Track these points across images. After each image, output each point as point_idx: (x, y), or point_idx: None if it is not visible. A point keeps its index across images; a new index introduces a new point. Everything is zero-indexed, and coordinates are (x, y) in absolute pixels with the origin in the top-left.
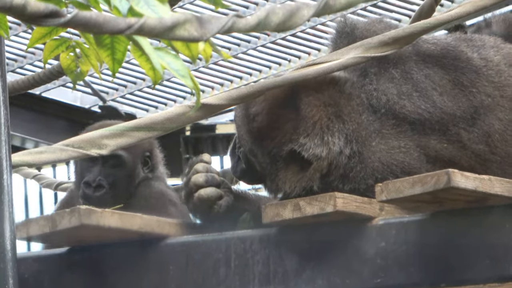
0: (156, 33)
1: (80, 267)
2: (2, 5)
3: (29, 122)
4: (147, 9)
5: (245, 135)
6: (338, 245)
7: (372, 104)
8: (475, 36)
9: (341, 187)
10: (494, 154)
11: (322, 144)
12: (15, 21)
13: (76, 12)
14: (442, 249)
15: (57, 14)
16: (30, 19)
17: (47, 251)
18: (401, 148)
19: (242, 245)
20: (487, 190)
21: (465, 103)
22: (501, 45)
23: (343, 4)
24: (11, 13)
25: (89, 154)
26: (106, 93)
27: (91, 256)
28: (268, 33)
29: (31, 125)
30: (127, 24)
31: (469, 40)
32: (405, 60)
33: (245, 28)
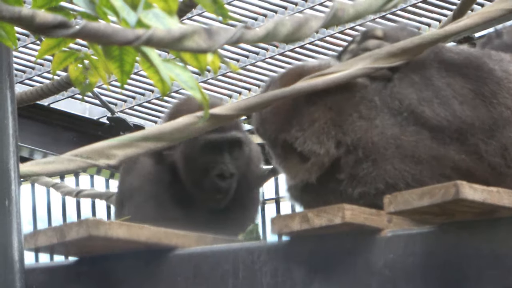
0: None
1: (88, 278)
2: (10, 15)
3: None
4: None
5: (256, 115)
6: (346, 256)
7: (392, 107)
8: (492, 51)
9: (350, 192)
10: (510, 167)
11: (318, 142)
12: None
13: (85, 23)
14: (450, 261)
15: (66, 25)
16: (39, 30)
17: (55, 262)
18: (414, 157)
19: (250, 256)
20: (496, 202)
21: (485, 114)
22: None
23: (351, 15)
24: (20, 23)
25: (97, 165)
26: (115, 105)
27: (99, 267)
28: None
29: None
30: (136, 35)
31: (489, 54)
32: (426, 67)
33: (253, 39)
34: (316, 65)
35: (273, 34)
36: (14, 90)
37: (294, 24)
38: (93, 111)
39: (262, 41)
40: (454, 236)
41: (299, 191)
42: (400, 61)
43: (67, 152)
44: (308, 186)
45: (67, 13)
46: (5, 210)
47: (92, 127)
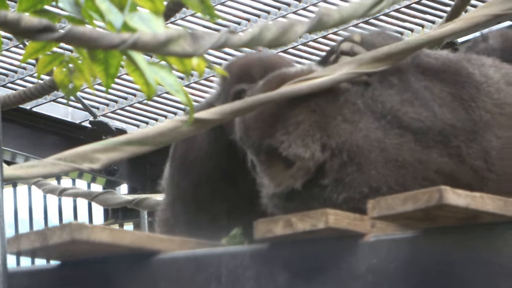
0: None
1: (71, 282)
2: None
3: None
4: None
5: (239, 123)
6: (329, 261)
7: (375, 110)
8: (473, 56)
9: (335, 198)
10: (491, 171)
11: (303, 146)
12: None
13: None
14: (434, 266)
15: (51, 29)
16: (24, 34)
17: (38, 266)
18: (398, 161)
19: (233, 261)
20: (479, 208)
21: (464, 116)
22: (499, 64)
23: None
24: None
25: (80, 168)
26: (97, 109)
27: (82, 272)
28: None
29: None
30: (121, 40)
31: (469, 59)
32: (403, 71)
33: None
34: (298, 71)
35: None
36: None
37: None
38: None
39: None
40: (438, 241)
41: (283, 199)
42: (384, 66)
43: (51, 156)
44: (292, 193)
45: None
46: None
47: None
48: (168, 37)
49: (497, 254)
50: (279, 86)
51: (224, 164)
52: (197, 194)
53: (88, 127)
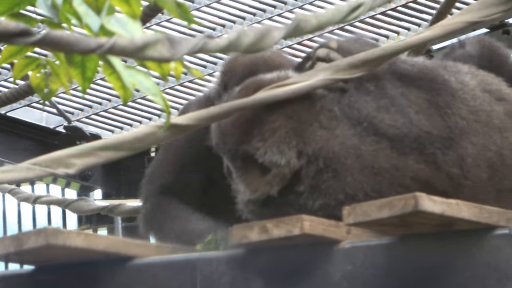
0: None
1: (45, 287)
2: None
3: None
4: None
5: (215, 130)
6: (305, 268)
7: (351, 117)
8: (450, 63)
9: (310, 204)
10: (467, 178)
11: (279, 152)
12: None
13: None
14: (409, 273)
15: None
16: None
17: (12, 271)
18: (374, 168)
19: (208, 266)
20: (455, 215)
21: (441, 123)
22: (475, 71)
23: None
24: None
25: (56, 173)
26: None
27: (57, 276)
28: None
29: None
30: (98, 44)
31: (445, 65)
32: (379, 77)
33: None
34: (275, 77)
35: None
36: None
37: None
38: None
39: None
40: (413, 248)
41: (258, 206)
42: (360, 73)
43: (26, 161)
44: (268, 200)
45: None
46: None
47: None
48: (146, 42)
49: (472, 261)
50: (255, 92)
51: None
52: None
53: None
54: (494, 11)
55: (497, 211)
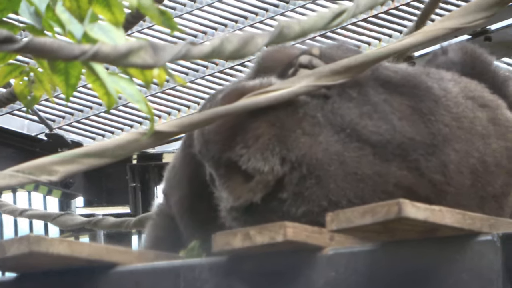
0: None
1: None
2: None
3: None
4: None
5: (198, 137)
6: (288, 274)
7: (334, 124)
8: (432, 69)
9: (294, 211)
10: (450, 185)
11: (262, 159)
12: None
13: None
14: (392, 279)
15: (11, 40)
16: None
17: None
18: (357, 174)
19: (191, 273)
20: (438, 221)
21: (424, 130)
22: (458, 78)
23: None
24: None
25: (39, 180)
26: (53, 121)
27: (40, 283)
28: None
29: None
30: (82, 51)
31: (428, 72)
32: (362, 84)
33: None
34: (257, 84)
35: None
36: None
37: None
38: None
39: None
40: (397, 255)
41: (242, 213)
42: (343, 79)
43: (8, 168)
44: (251, 207)
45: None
46: None
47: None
48: (129, 49)
49: (456, 268)
50: (238, 98)
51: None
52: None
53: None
54: (475, 18)
55: (480, 217)
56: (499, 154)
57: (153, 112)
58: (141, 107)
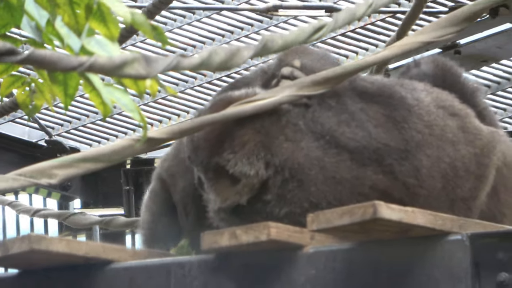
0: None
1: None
2: None
3: None
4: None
5: (188, 144)
6: (271, 272)
7: (315, 131)
8: (406, 80)
9: (277, 212)
10: (422, 188)
11: (248, 164)
12: None
13: (32, 50)
14: (368, 276)
15: (14, 52)
16: None
17: None
18: (336, 178)
19: (181, 270)
20: (411, 222)
21: (398, 136)
22: (430, 89)
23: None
24: None
25: (39, 183)
26: (52, 128)
27: (40, 280)
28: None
29: None
30: (79, 62)
31: (402, 83)
32: (341, 94)
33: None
34: (243, 93)
35: (207, 63)
36: None
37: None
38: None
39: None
40: (372, 253)
41: (229, 214)
42: (323, 89)
43: (11, 172)
44: (237, 208)
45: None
46: None
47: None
48: (123, 60)
49: (428, 266)
50: (225, 107)
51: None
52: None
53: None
54: (446, 32)
55: (451, 218)
56: (468, 160)
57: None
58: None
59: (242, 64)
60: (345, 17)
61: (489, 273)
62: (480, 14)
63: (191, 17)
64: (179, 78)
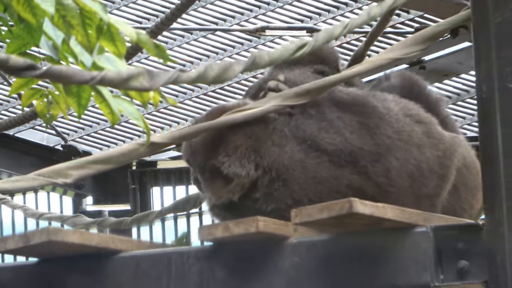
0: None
1: (48, 276)
2: None
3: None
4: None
5: (186, 148)
6: (259, 259)
7: (298, 136)
8: (377, 92)
9: (264, 208)
10: (392, 186)
11: (240, 166)
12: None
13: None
14: (344, 263)
15: (34, 68)
16: (11, 71)
17: (19, 263)
18: (316, 178)
19: (180, 258)
20: (382, 216)
21: (370, 141)
22: (398, 99)
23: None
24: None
25: (56, 182)
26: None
27: (57, 268)
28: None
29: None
30: (91, 76)
31: (374, 94)
32: (320, 104)
33: (187, 80)
34: (235, 104)
35: (204, 76)
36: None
37: (221, 68)
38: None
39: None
40: (348, 243)
41: (222, 209)
42: (305, 100)
43: (32, 172)
44: (230, 205)
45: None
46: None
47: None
48: (130, 75)
49: (397, 255)
50: (220, 115)
51: None
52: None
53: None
54: (412, 50)
55: (417, 213)
56: (432, 162)
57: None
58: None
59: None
60: (324, 36)
61: (450, 260)
62: (442, 34)
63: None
64: (178, 90)
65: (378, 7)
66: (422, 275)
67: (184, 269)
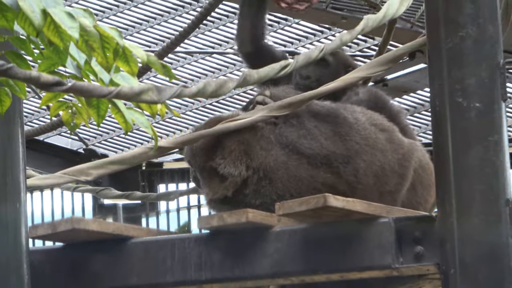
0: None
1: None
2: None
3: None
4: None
5: (188, 151)
6: (249, 245)
7: (281, 142)
8: (348, 105)
9: (253, 202)
10: (360, 184)
11: (234, 166)
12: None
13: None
14: (320, 248)
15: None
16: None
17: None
18: (296, 177)
19: (182, 244)
20: (351, 208)
21: (342, 146)
22: (365, 111)
23: (256, 79)
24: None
25: (79, 180)
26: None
27: (80, 251)
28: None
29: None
30: (109, 91)
31: (345, 107)
32: (300, 115)
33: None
34: (230, 114)
35: (203, 92)
36: (23, 128)
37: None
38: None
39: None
40: (323, 231)
41: (218, 203)
42: (288, 111)
43: (58, 171)
44: (225, 199)
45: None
46: (16, 210)
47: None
48: (141, 90)
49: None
50: (216, 124)
51: None
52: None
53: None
54: (377, 70)
55: (380, 206)
56: (393, 163)
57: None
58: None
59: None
60: (303, 58)
61: (408, 246)
62: (402, 57)
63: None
64: (181, 103)
65: (349, 34)
66: (384, 258)
67: (185, 253)
